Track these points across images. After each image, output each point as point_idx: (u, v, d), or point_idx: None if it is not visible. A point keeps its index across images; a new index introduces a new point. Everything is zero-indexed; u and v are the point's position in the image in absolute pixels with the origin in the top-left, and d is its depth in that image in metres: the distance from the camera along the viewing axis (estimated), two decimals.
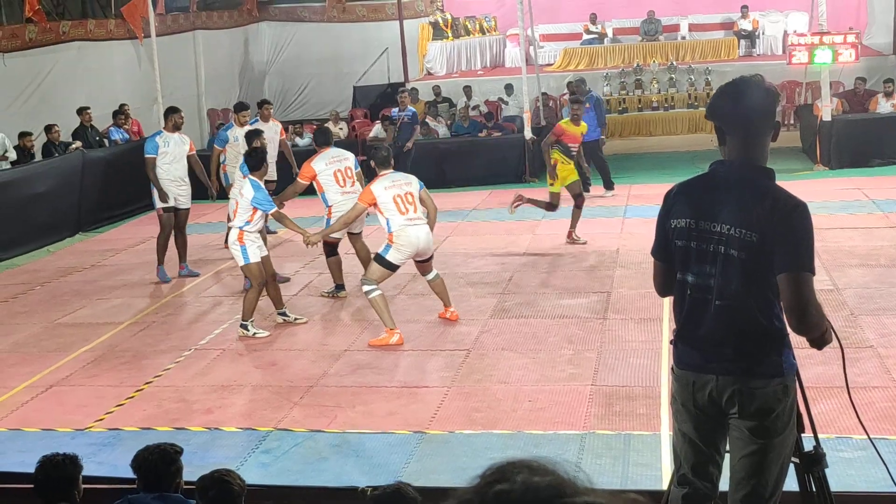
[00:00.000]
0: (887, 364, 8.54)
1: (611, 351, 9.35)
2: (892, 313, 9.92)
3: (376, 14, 27.65)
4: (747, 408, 4.23)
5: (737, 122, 4.26)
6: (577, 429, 7.63)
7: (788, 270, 4.06)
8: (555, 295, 11.40)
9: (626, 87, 23.96)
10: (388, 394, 8.63)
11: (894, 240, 12.84)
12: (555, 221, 15.38)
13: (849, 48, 17.96)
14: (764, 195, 4.16)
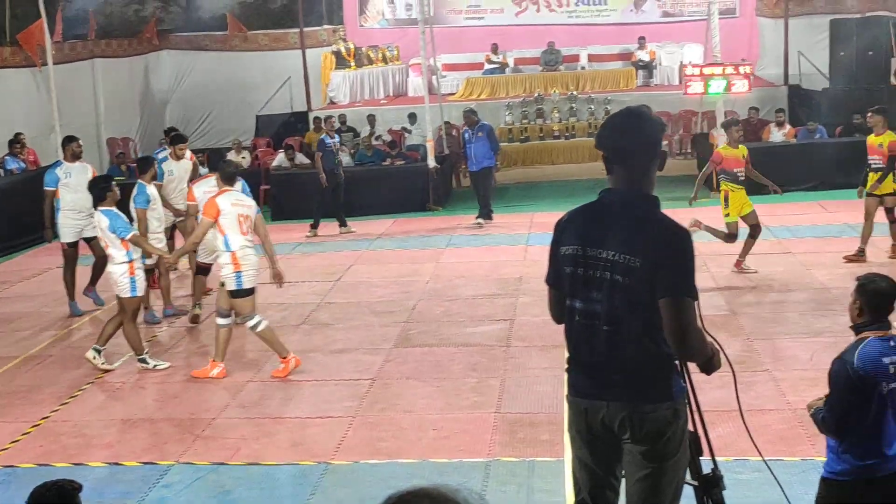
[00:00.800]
0: (782, 387, 8.74)
1: (514, 378, 9.42)
2: (787, 337, 10.17)
3: (278, 43, 27.57)
4: (638, 432, 4.30)
5: (623, 152, 4.35)
6: (482, 456, 7.66)
7: (669, 295, 4.14)
8: (459, 323, 11.45)
9: (527, 115, 24.24)
10: (291, 424, 8.57)
11: (788, 266, 13.18)
12: (459, 250, 15.49)
13: (742, 79, 18.45)
14: (647, 222, 4.26)
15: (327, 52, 26.75)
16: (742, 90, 18.72)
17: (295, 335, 11.25)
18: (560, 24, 28.04)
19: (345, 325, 11.56)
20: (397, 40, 28.19)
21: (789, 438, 7.74)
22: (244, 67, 27.04)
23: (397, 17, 28.77)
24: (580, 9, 28.25)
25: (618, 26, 27.82)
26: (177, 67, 27.28)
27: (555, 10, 28.23)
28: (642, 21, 27.86)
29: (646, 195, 4.35)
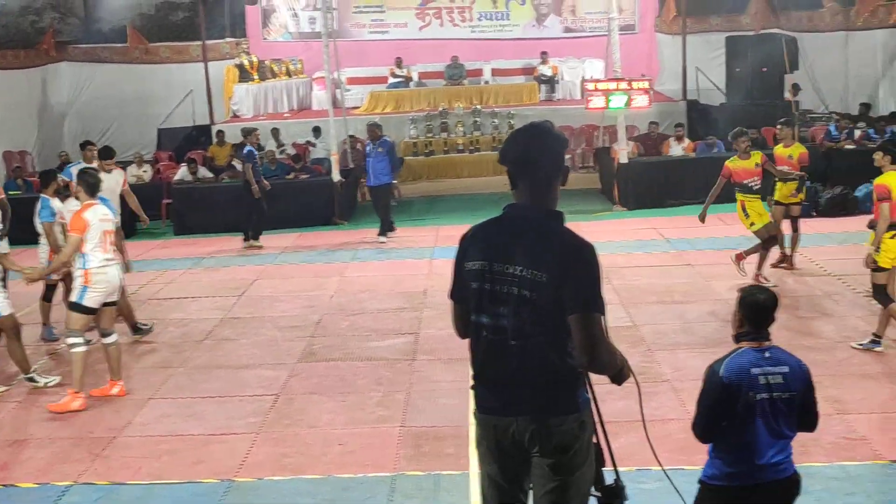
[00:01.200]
0: (682, 397, 8.87)
1: (420, 392, 9.42)
2: (687, 348, 10.34)
3: (180, 56, 27.26)
4: (547, 446, 4.32)
5: (527, 167, 4.38)
6: (387, 471, 7.64)
7: (578, 312, 4.18)
8: (364, 337, 11.42)
9: (432, 129, 24.32)
10: (194, 442, 8.45)
11: (688, 278, 13.42)
12: (364, 264, 15.46)
13: (642, 94, 18.76)
14: (552, 237, 4.28)
15: (230, 65, 26.54)
16: (642, 105, 19.03)
17: (197, 351, 11.11)
18: (464, 38, 28.23)
19: (248, 341, 11.45)
20: (301, 53, 28.09)
21: (690, 448, 7.81)
22: (145, 80, 26.68)
23: (301, 31, 28.65)
24: (483, 23, 28.46)
25: (520, 41, 28.10)
26: (76, 80, 26.79)
27: (458, 25, 28.41)
28: (544, 36, 28.19)
29: (550, 210, 4.38)
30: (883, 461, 7.42)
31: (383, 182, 16.93)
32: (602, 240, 15.77)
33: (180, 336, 11.73)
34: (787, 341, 10.42)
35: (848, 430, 8.05)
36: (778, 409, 4.90)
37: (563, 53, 27.52)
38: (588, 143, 23.84)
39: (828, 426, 8.12)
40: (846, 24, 24.86)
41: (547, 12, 28.52)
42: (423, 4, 28.35)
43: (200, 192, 19.38)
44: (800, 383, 4.97)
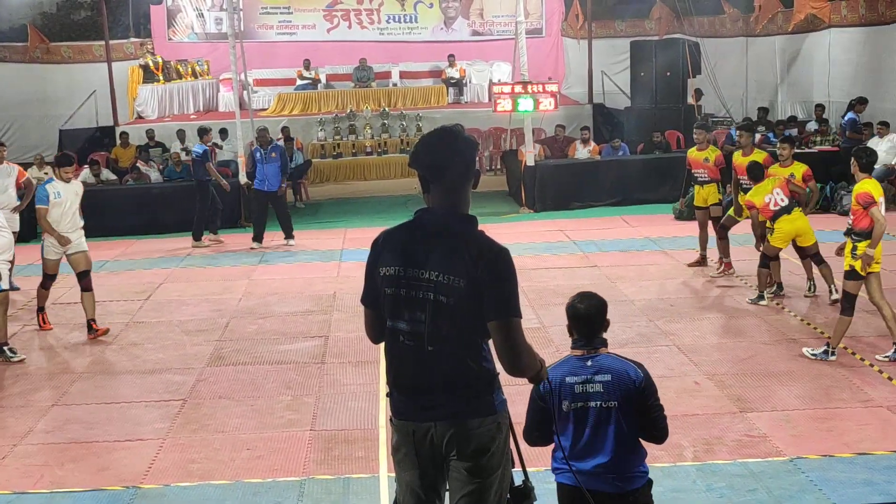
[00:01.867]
0: None
1: (329, 395, 9.40)
2: None
3: (83, 55, 26.79)
4: (465, 449, 4.34)
5: (438, 171, 4.38)
6: (297, 475, 7.60)
7: (498, 318, 4.20)
8: (272, 341, 11.35)
9: (340, 132, 24.25)
10: (99, 449, 8.31)
11: (594, 279, 13.57)
12: (272, 266, 15.37)
13: (549, 97, 18.94)
14: (468, 242, 4.29)
15: (134, 66, 26.16)
16: (549, 108, 19.22)
17: (102, 356, 10.93)
18: (372, 40, 28.24)
19: (155, 345, 11.30)
20: (207, 54, 27.81)
21: None
22: (46, 80, 26.16)
23: (207, 32, 28.38)
24: (392, 26, 28.50)
25: (429, 44, 28.20)
26: None
27: (366, 27, 28.41)
28: (452, 39, 28.33)
29: (464, 214, 4.39)
30: (783, 458, 7.61)
31: (274, 188, 16.86)
32: (510, 242, 15.84)
33: (85, 341, 11.52)
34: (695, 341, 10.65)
35: (750, 427, 8.23)
36: (600, 417, 4.87)
37: (471, 56, 27.68)
38: (495, 145, 24.00)
39: (731, 424, 8.32)
40: (746, 31, 25.43)
41: (455, 15, 28.66)
42: (331, 6, 28.28)
43: (104, 194, 19.04)
44: (622, 392, 4.87)
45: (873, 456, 7.58)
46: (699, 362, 9.88)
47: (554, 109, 19.55)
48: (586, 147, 20.80)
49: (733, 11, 25.76)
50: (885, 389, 9.02)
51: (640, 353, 10.27)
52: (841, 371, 9.53)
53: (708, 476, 7.35)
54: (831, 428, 8.20)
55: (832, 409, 8.63)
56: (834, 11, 22.71)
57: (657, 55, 22.87)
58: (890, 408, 8.57)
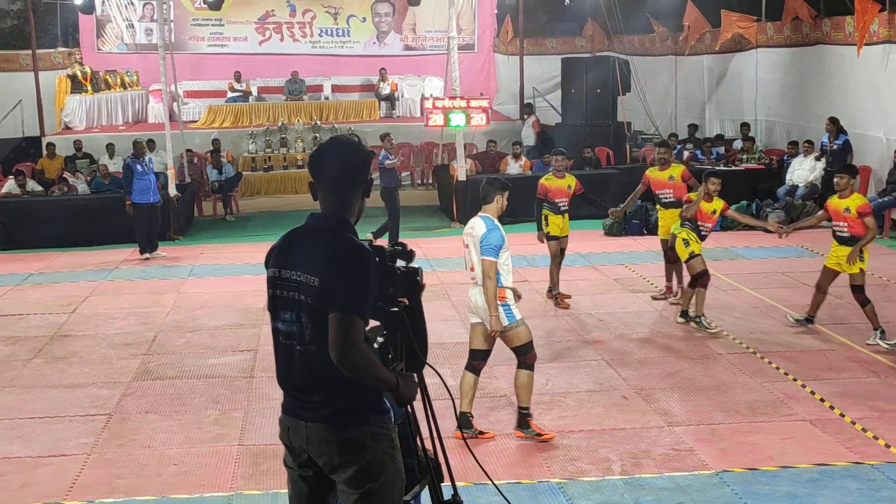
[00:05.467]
0: None
1: (258, 409, 9.32)
2: None
3: (9, 64, 26.34)
4: (337, 457, 4.33)
5: (325, 178, 4.46)
6: (224, 490, 7.53)
7: (336, 310, 4.18)
8: (200, 354, 11.24)
9: (271, 145, 24.14)
10: (21, 464, 8.15)
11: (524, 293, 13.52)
12: (201, 280, 15.23)
13: (480, 112, 19.03)
14: (330, 242, 4.33)
15: (62, 76, 25.79)
16: (481, 123, 19.31)
17: (25, 370, 10.74)
18: (304, 53, 28.16)
19: (80, 359, 11.12)
20: (137, 65, 27.52)
21: (527, 461, 8.00)
22: None
23: (137, 42, 28.09)
24: (324, 39, 28.46)
25: (361, 58, 28.20)
26: None
27: (299, 41, 28.33)
28: (385, 54, 28.37)
29: (339, 218, 4.42)
30: (709, 471, 7.70)
31: (151, 201, 16.82)
32: (441, 256, 15.92)
33: (8, 354, 11.31)
34: (623, 356, 10.74)
35: (677, 441, 8.32)
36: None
37: (404, 71, 27.74)
38: (427, 160, 24.05)
39: (658, 438, 8.40)
40: (675, 49, 25.78)
41: (387, 30, 28.70)
42: (263, 19, 28.17)
43: (29, 206, 18.74)
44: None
45: (796, 469, 7.71)
46: (627, 377, 9.97)
47: (486, 125, 19.65)
48: (518, 162, 20.92)
49: (663, 30, 26.11)
50: (808, 404, 9.18)
51: (569, 367, 10.35)
52: (766, 385, 9.68)
53: (635, 490, 7.41)
54: (756, 442, 8.31)
55: (757, 423, 8.75)
56: (760, 32, 23.12)
57: (588, 72, 23.10)
58: (813, 422, 8.71)
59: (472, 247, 8.33)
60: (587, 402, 9.36)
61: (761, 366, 10.33)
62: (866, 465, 7.75)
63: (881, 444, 8.15)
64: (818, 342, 11.17)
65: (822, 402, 9.19)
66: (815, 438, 8.36)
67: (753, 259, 15.52)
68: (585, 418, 8.91)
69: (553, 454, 8.11)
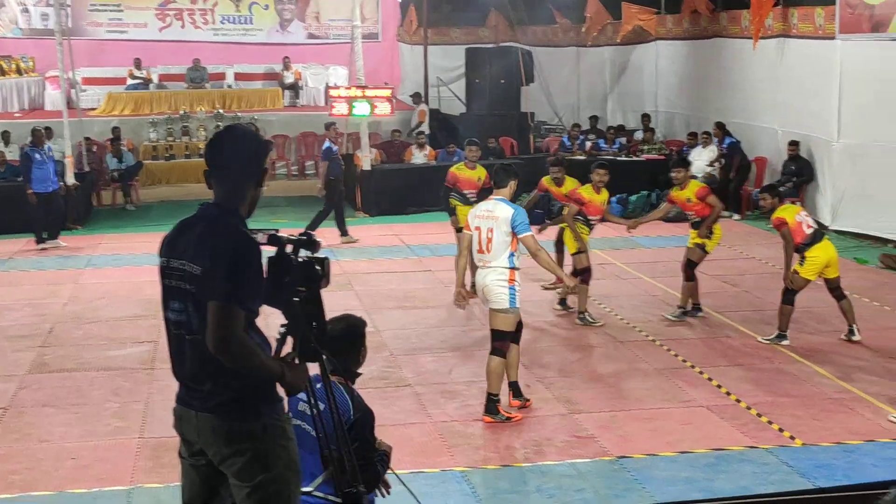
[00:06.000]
0: (423, 401, 9.07)
1: (159, 401, 9.17)
2: (427, 353, 10.56)
3: None
4: (226, 447, 4.29)
5: (217, 167, 4.44)
6: (124, 484, 7.42)
7: (214, 299, 4.15)
8: (99, 346, 11.04)
9: (173, 133, 23.79)
10: None
11: (427, 283, 13.70)
12: (99, 270, 14.98)
13: (385, 102, 18.98)
14: (213, 231, 4.30)
15: None
16: (385, 113, 19.25)
17: None
18: (206, 41, 27.76)
19: None
20: (32, 51, 26.84)
21: (430, 451, 8.03)
22: None
23: (32, 27, 27.38)
24: (226, 27, 28.09)
25: (264, 46, 27.90)
26: None
27: (200, 28, 27.92)
28: (288, 42, 28.11)
29: (228, 208, 4.39)
30: (609, 457, 7.82)
31: (49, 189, 16.59)
32: (345, 246, 15.89)
33: None
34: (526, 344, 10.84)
35: (578, 428, 8.44)
36: (309, 443, 4.74)
37: (307, 59, 27.54)
38: None
39: (560, 426, 8.51)
40: (577, 41, 26.03)
41: (291, 18, 28.45)
42: (164, 5, 27.70)
43: None
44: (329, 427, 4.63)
45: (694, 454, 7.88)
46: (530, 365, 10.06)
47: (390, 114, 19.60)
48: (422, 152, 20.94)
49: (565, 22, 26.33)
50: (705, 390, 9.38)
51: (473, 356, 10.40)
52: (664, 372, 9.86)
53: (538, 477, 7.50)
54: (655, 428, 8.47)
55: (656, 409, 8.92)
56: (660, 24, 23.49)
57: (492, 63, 23.20)
58: (710, 408, 8.91)
59: (494, 229, 8.53)
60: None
61: (660, 353, 10.52)
62: (761, 448, 7.96)
63: (775, 429, 8.37)
64: (715, 330, 11.42)
65: (719, 388, 9.40)
66: (712, 424, 8.55)
67: (652, 248, 15.78)
68: None
69: (457, 443, 8.16)
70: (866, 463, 7.68)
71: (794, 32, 18.18)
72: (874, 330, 11.08)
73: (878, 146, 15.93)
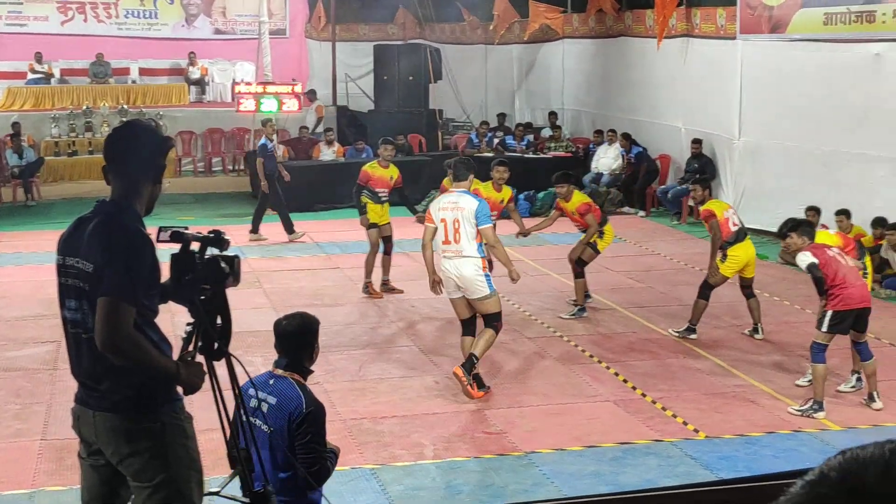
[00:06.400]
0: (332, 398, 9.03)
1: (61, 402, 8.99)
2: (336, 350, 10.52)
3: None
4: (125, 447, 4.26)
5: (114, 162, 4.41)
6: (26, 487, 7.28)
7: (103, 294, 4.12)
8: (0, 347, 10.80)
9: (75, 129, 23.32)
10: None
11: (337, 280, 13.65)
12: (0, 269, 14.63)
13: (292, 98, 18.90)
14: (105, 227, 4.26)
15: None
16: (293, 109, 19.18)
17: None
18: (110, 35, 27.24)
19: None
20: None
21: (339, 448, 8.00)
22: None
23: None
24: (130, 21, 27.61)
25: (170, 41, 27.49)
26: None
27: (104, 21, 27.40)
28: (194, 37, 27.73)
29: (121, 204, 4.36)
30: (518, 453, 7.89)
31: None
32: (252, 244, 15.76)
33: None
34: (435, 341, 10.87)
35: (487, 424, 8.50)
36: (260, 439, 4.71)
37: (214, 55, 27.20)
38: (239, 146, 23.69)
39: (470, 422, 8.57)
40: (485, 39, 26.17)
41: (196, 13, 28.08)
42: None
43: None
44: (280, 421, 4.76)
45: (601, 448, 7.99)
46: (439, 362, 10.10)
47: (298, 111, 19.53)
48: (331, 148, 20.86)
49: (473, 19, 26.45)
50: (611, 384, 9.51)
51: (382, 353, 10.41)
52: (572, 368, 9.98)
53: (447, 473, 7.53)
54: (563, 423, 8.57)
55: (563, 404, 9.02)
56: (567, 23, 23.72)
57: (400, 60, 23.20)
58: (616, 402, 9.04)
59: (461, 220, 8.96)
60: (400, 387, 9.45)
61: (567, 348, 10.64)
62: (665, 442, 8.10)
63: (679, 422, 8.53)
64: (621, 325, 11.58)
65: (625, 382, 9.55)
66: (619, 418, 8.68)
67: (559, 245, 15.92)
68: (398, 404, 8.99)
69: (366, 440, 8.16)
70: (766, 454, 7.88)
71: (697, 32, 18.53)
72: (774, 325, 11.35)
73: (776, 144, 16.31)
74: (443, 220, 9.03)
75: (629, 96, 21.07)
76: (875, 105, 14.15)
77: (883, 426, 8.42)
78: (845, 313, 8.62)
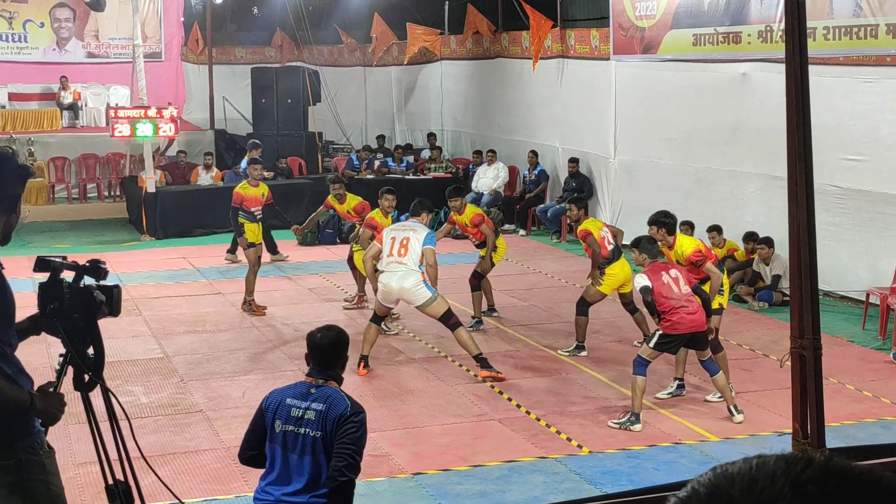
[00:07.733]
0: (216, 426, 8.91)
1: None
2: (219, 377, 10.39)
3: None
4: None
5: None
6: None
7: None
8: None
9: None
10: None
11: (218, 306, 13.48)
12: None
13: (169, 122, 18.63)
14: None
15: None
16: (169, 133, 18.91)
17: None
18: None
19: None
20: None
21: (224, 477, 7.90)
22: None
23: None
24: None
25: (41, 65, 26.86)
26: None
27: None
28: (66, 61, 27.14)
29: None
30: (404, 475, 7.89)
31: None
32: (130, 271, 15.45)
33: None
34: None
35: (373, 447, 8.45)
36: (304, 445, 4.99)
37: (87, 79, 26.66)
38: (114, 171, 23.25)
39: None
40: (364, 61, 26.22)
41: (68, 36, 27.50)
42: None
43: None
44: (329, 424, 4.99)
45: (487, 467, 8.04)
46: None
47: (174, 135, 19.25)
48: (209, 173, 20.62)
49: (351, 42, 26.49)
50: (496, 403, 9.58)
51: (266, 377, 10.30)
52: (457, 387, 10.02)
53: None
54: (449, 443, 8.60)
55: (448, 424, 9.05)
56: (444, 45, 23.93)
57: (278, 82, 23.07)
58: (501, 420, 9.11)
59: (412, 240, 10.18)
60: None
61: (452, 368, 10.69)
62: (551, 458, 8.19)
63: (563, 438, 8.63)
64: (505, 343, 11.68)
65: (510, 401, 9.62)
66: (504, 436, 8.74)
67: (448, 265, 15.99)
68: None
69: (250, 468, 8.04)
70: (648, 467, 8.03)
71: (573, 53, 18.87)
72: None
73: (650, 162, 16.69)
74: (392, 238, 10.25)
75: (507, 116, 21.32)
76: (743, 123, 14.59)
77: (758, 435, 8.65)
78: (674, 336, 8.85)
